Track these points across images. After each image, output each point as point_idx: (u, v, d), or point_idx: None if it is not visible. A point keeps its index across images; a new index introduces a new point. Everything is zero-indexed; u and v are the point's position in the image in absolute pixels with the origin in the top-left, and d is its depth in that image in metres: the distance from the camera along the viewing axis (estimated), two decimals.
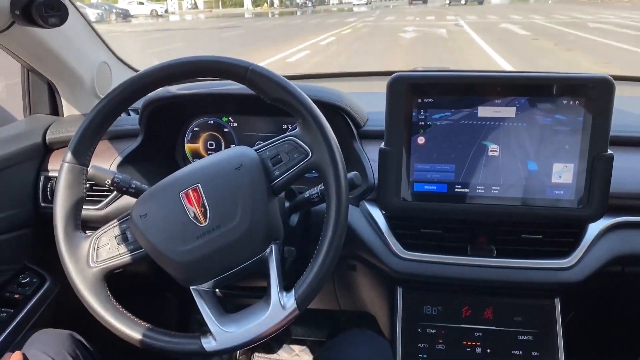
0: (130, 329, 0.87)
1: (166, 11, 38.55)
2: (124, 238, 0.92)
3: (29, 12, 1.00)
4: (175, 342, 0.87)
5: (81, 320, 0.98)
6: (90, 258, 0.91)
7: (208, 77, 1.00)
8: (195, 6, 48.79)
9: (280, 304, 0.84)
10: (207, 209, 0.87)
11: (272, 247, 0.89)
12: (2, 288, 1.29)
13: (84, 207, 0.96)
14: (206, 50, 12.73)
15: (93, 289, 0.89)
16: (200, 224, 0.87)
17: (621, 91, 1.31)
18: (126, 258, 0.90)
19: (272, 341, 1.56)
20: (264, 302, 0.86)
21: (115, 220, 0.93)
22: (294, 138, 0.89)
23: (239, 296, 1.29)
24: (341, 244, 0.86)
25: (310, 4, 51.45)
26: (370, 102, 1.31)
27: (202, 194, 0.87)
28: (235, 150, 0.93)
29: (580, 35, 14.01)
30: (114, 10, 32.24)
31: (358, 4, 52.73)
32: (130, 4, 37.18)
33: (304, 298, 0.85)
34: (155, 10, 37.26)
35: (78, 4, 1.32)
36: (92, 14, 31.24)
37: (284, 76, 0.91)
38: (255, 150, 0.91)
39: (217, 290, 0.97)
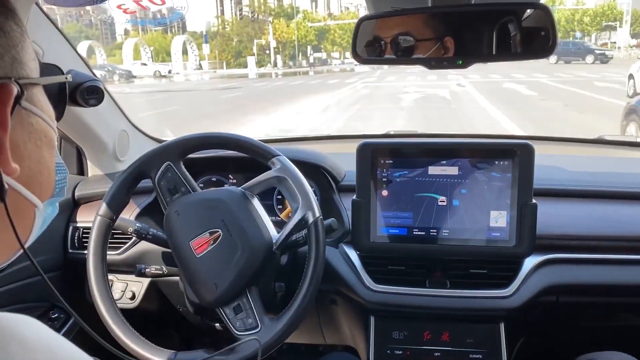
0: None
1: (169, 72, 38.59)
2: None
3: (74, 96, 1.26)
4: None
5: (101, 353, 1.20)
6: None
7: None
8: (200, 67, 49.04)
9: None
10: (209, 249, 1.13)
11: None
12: None
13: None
14: (201, 113, 12.46)
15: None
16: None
17: (556, 150, 1.61)
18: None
19: None
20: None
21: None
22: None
23: None
24: (318, 282, 1.12)
25: (312, 64, 52.32)
26: (348, 161, 1.58)
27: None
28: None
29: (587, 95, 13.58)
30: (117, 71, 32.70)
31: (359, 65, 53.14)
32: (133, 65, 37.68)
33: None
34: (159, 71, 37.48)
35: None
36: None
37: (271, 139, 1.22)
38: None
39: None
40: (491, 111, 11.41)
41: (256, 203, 1.20)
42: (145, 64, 38.94)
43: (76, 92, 1.27)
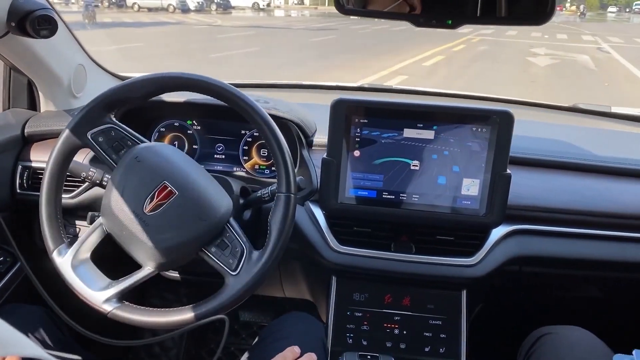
0: (47, 199, 1.10)
1: (268, 5, 35.61)
2: (119, 147, 1.11)
3: (23, 24, 1.15)
4: (50, 226, 1.09)
5: (51, 296, 1.14)
6: (94, 130, 1.10)
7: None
8: (302, 2, 45.31)
9: (102, 301, 1.06)
10: (158, 211, 1.05)
11: (152, 271, 1.08)
12: None
13: None
14: (272, 61, 10.57)
15: (61, 154, 1.10)
16: (144, 210, 1.05)
17: (531, 116, 1.57)
18: (103, 158, 1.11)
19: (220, 324, 1.72)
20: (106, 284, 1.08)
21: (131, 132, 1.13)
22: (246, 252, 1.07)
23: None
24: (286, 244, 1.07)
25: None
26: (319, 113, 1.51)
27: (169, 201, 1.05)
28: (221, 202, 1.09)
29: None
30: (215, 0, 30.91)
31: None
32: None
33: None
34: (257, 3, 34.97)
35: None
36: (191, 2, 29.94)
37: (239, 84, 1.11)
38: (228, 223, 1.08)
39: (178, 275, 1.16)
40: None
41: None
42: None
43: (25, 21, 1.15)
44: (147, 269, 1.07)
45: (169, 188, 1.05)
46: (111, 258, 1.15)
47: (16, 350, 0.40)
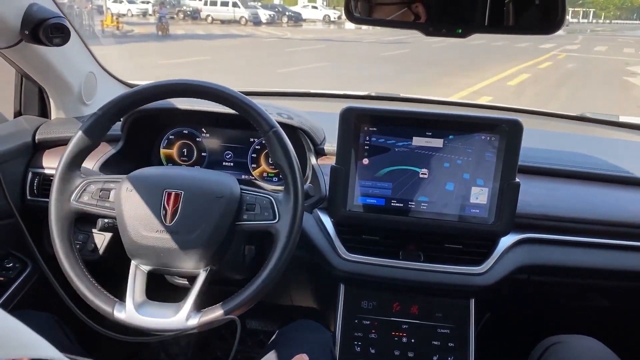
0: (70, 265, 1.07)
1: (339, 17, 34.64)
2: (106, 195, 1.10)
3: (36, 33, 1.16)
4: (94, 294, 1.06)
5: (59, 304, 1.14)
6: (75, 194, 1.10)
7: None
8: None
9: (185, 320, 1.04)
10: (177, 215, 1.06)
11: (208, 268, 1.08)
12: None
13: None
14: (343, 79, 9.69)
15: (60, 222, 1.09)
16: (166, 223, 1.05)
17: (541, 125, 1.57)
18: (99, 211, 1.10)
19: (226, 331, 1.72)
20: (177, 307, 1.06)
21: (107, 177, 1.13)
22: (273, 199, 1.09)
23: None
24: (288, 259, 1.07)
25: None
26: (327, 121, 1.51)
27: (181, 201, 1.06)
28: (225, 179, 1.11)
29: None
30: (287, 13, 31.25)
31: None
32: (304, 7, 35.45)
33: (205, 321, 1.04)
34: (328, 16, 34.58)
35: (252, 3, 1.42)
36: (263, 15, 30.40)
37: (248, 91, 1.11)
38: (241, 189, 1.09)
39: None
40: None
41: None
42: (316, 7, 36.54)
43: (39, 29, 1.16)
44: (202, 271, 1.08)
45: (173, 192, 1.07)
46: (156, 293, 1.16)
47: (33, 352, 0.41)
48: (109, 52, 12.47)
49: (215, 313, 1.05)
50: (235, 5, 29.78)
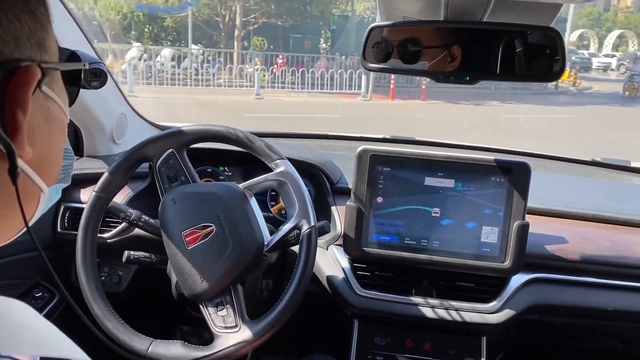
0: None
1: None
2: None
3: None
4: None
5: (83, 334, 1.19)
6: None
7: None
8: None
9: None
10: (200, 242, 1.14)
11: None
12: (19, 300, 1.49)
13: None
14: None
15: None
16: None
17: (551, 169, 1.61)
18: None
19: None
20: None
21: None
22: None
23: None
24: (304, 290, 1.12)
25: None
26: (343, 162, 1.58)
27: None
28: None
29: None
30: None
31: None
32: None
33: None
34: None
35: None
36: None
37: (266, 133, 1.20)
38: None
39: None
40: None
41: (253, 203, 1.20)
42: None
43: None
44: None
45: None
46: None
47: (58, 352, 0.44)
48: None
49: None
50: None
